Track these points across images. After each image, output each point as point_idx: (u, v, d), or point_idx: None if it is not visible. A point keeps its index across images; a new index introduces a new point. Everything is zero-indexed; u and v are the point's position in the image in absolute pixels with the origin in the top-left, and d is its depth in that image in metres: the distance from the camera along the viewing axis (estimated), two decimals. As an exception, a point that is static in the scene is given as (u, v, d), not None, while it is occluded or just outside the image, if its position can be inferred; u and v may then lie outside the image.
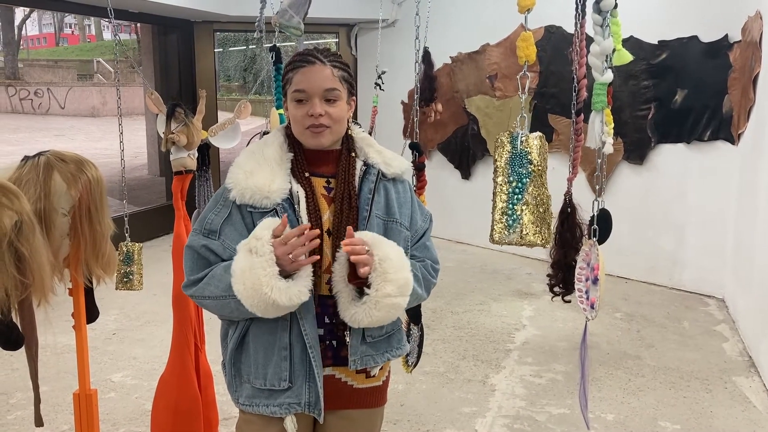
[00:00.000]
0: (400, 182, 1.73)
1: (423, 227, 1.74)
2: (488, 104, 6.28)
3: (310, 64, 1.60)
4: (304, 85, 1.59)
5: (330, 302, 1.60)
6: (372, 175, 1.66)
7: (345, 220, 1.60)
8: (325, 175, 1.66)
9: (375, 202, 1.64)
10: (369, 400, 1.68)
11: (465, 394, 3.46)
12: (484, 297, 5.06)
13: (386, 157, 1.71)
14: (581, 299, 1.89)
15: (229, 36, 23.21)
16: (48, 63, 30.89)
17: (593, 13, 1.77)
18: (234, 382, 1.68)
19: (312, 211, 1.60)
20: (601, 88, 1.77)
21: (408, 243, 1.68)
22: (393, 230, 1.65)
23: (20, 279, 1.59)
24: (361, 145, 1.71)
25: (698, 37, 4.86)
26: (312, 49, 1.64)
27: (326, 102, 1.59)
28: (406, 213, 1.70)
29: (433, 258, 1.75)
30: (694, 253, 5.10)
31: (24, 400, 3.33)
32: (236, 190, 1.58)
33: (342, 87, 1.62)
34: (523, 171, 1.99)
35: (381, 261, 1.51)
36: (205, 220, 1.61)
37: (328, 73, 1.60)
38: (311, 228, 1.53)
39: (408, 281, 1.56)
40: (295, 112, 1.61)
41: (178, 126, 2.51)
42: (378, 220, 1.64)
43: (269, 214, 1.56)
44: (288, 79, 1.63)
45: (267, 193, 1.56)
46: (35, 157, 1.92)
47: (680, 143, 5.08)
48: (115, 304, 4.67)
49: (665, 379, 3.64)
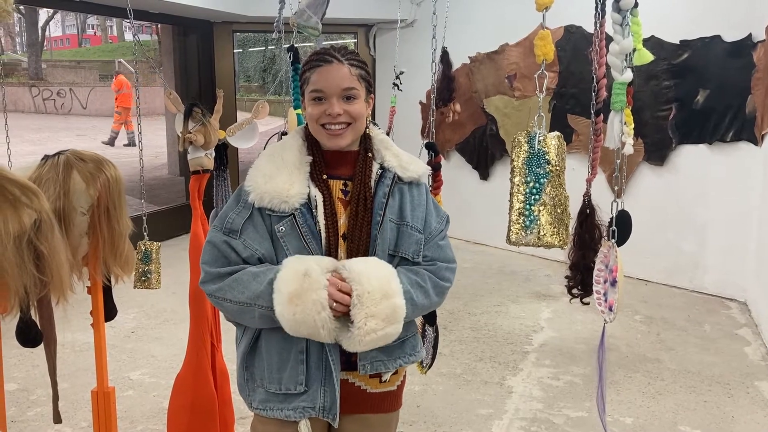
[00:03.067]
0: (416, 185, 1.71)
1: (438, 228, 1.70)
2: (507, 104, 6.25)
3: (327, 64, 1.59)
4: (321, 84, 1.58)
5: None
6: (387, 179, 1.65)
7: (360, 224, 1.60)
8: (342, 177, 1.65)
9: (389, 207, 1.62)
10: (383, 404, 1.66)
11: (482, 396, 3.44)
12: (502, 298, 5.03)
13: (403, 161, 1.69)
14: (599, 301, 1.87)
15: (249, 37, 23.33)
16: (70, 63, 31.27)
17: (612, 12, 1.75)
18: (247, 386, 1.68)
19: (329, 215, 1.60)
20: (621, 87, 1.75)
21: (420, 246, 1.66)
22: (405, 233, 1.64)
23: (39, 277, 1.60)
24: (379, 147, 1.70)
25: (721, 37, 4.79)
26: (329, 48, 1.64)
27: (344, 100, 1.59)
28: (419, 216, 1.67)
29: (447, 258, 1.70)
30: (716, 256, 5.03)
31: (44, 397, 3.37)
32: (255, 193, 1.58)
33: (360, 85, 1.61)
34: (541, 171, 1.97)
35: (359, 296, 1.49)
36: (226, 218, 1.60)
37: (345, 72, 1.59)
38: (328, 232, 1.57)
39: (395, 308, 1.52)
40: (312, 111, 1.61)
41: (196, 125, 2.52)
42: (391, 224, 1.63)
43: (287, 219, 1.56)
44: (305, 79, 1.62)
45: (286, 198, 1.56)
46: (55, 157, 1.94)
47: (702, 144, 5.02)
48: (134, 302, 4.70)
49: (685, 383, 3.59)
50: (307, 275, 1.47)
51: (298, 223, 1.55)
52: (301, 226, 1.56)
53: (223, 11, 6.26)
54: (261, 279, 1.52)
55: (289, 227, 1.56)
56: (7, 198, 1.50)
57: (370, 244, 1.60)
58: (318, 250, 1.56)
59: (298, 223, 1.56)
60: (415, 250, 1.64)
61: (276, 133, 2.82)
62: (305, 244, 1.55)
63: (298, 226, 1.56)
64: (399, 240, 1.63)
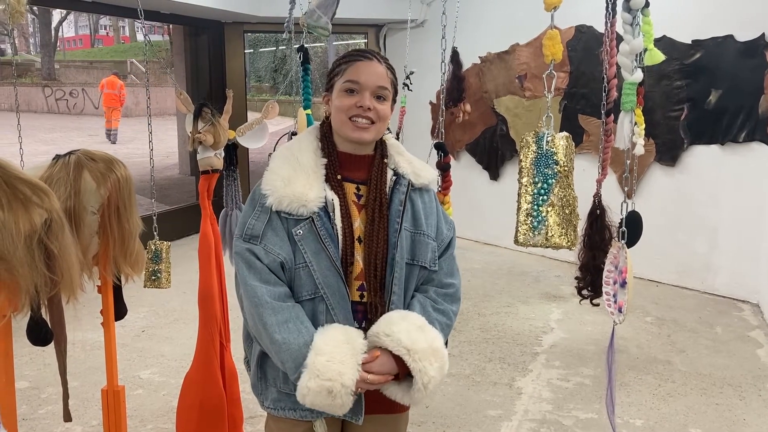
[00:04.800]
0: (426, 191, 1.73)
1: (448, 236, 1.74)
2: (517, 104, 6.23)
3: (367, 60, 1.63)
4: (359, 76, 1.61)
5: (360, 308, 1.61)
6: (402, 186, 1.67)
7: (377, 229, 1.61)
8: (355, 181, 1.66)
9: (405, 214, 1.64)
10: (394, 405, 1.66)
11: (491, 397, 3.43)
12: (511, 299, 5.01)
13: (416, 167, 1.72)
14: (609, 302, 1.86)
15: (259, 37, 23.39)
16: (83, 64, 31.45)
17: (623, 12, 1.74)
18: (260, 385, 1.69)
19: (345, 218, 1.61)
20: (631, 87, 1.74)
21: (435, 253, 1.69)
22: (420, 242, 1.66)
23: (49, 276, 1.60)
24: (392, 152, 1.72)
25: (734, 36, 4.76)
26: (367, 49, 1.68)
27: (376, 99, 1.62)
28: (432, 223, 1.70)
29: (455, 271, 1.76)
30: (728, 257, 5.00)
31: (55, 395, 3.39)
32: (274, 197, 1.58)
33: (390, 89, 1.66)
34: (549, 172, 1.96)
35: (410, 353, 1.52)
36: (245, 225, 1.61)
37: (382, 71, 1.64)
38: (345, 235, 1.58)
39: (433, 346, 1.56)
40: (341, 102, 1.62)
41: (205, 125, 2.53)
42: (406, 232, 1.64)
43: (305, 222, 1.57)
44: (340, 71, 1.65)
45: (304, 202, 1.57)
46: (66, 156, 1.95)
47: (714, 144, 4.98)
48: (144, 301, 4.73)
49: (696, 385, 3.56)
50: (330, 393, 1.48)
51: (317, 226, 1.56)
52: (319, 229, 1.56)
53: (234, 11, 6.28)
54: (293, 356, 1.52)
55: (307, 230, 1.57)
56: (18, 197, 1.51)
57: (389, 250, 1.61)
58: (335, 252, 1.57)
59: (317, 227, 1.56)
60: (431, 258, 1.67)
61: (286, 134, 2.82)
62: (323, 246, 1.56)
63: (316, 229, 1.56)
64: (415, 248, 1.66)
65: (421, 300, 1.66)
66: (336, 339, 1.51)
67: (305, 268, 1.57)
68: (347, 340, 1.51)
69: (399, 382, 1.57)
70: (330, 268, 1.56)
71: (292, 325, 1.53)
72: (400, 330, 1.53)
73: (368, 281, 1.60)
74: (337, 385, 1.47)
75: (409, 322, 1.56)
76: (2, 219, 1.46)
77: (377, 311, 1.60)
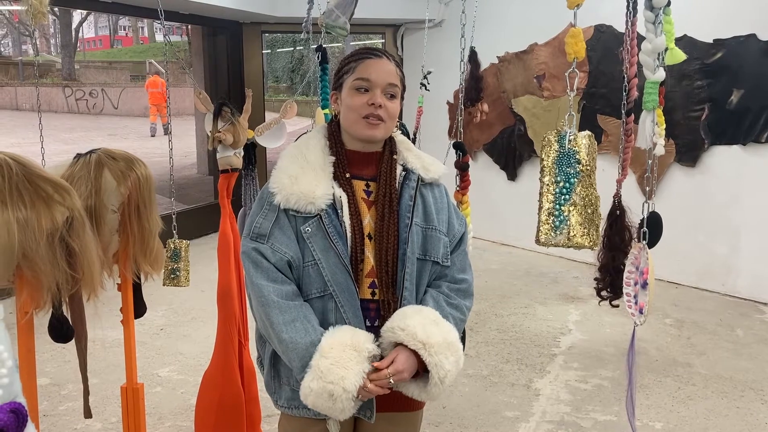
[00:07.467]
0: (436, 186, 1.73)
1: (460, 231, 1.73)
2: (536, 104, 6.20)
3: (376, 57, 1.64)
4: (369, 74, 1.61)
5: (371, 306, 1.61)
6: (412, 181, 1.66)
7: (387, 225, 1.61)
8: (364, 178, 1.66)
9: (415, 209, 1.64)
10: (408, 402, 1.66)
11: (508, 398, 3.41)
12: (529, 300, 4.99)
13: (425, 162, 1.71)
14: (629, 304, 1.84)
15: (277, 37, 23.48)
16: (103, 64, 31.81)
17: (645, 10, 1.73)
18: (273, 384, 1.69)
19: (354, 214, 1.60)
20: (653, 87, 1.73)
21: (447, 249, 1.68)
22: (432, 237, 1.66)
23: (71, 273, 1.62)
24: (400, 148, 1.72)
25: (756, 36, 4.69)
26: (374, 47, 1.69)
27: (386, 96, 1.62)
28: (443, 219, 1.70)
29: (467, 266, 1.75)
30: (750, 259, 4.93)
31: (75, 392, 3.42)
32: (281, 195, 1.58)
33: (400, 86, 1.66)
34: (571, 171, 1.94)
35: (426, 347, 1.51)
36: (253, 224, 1.61)
37: (392, 68, 1.64)
38: (354, 231, 1.58)
39: (448, 339, 1.56)
40: (352, 101, 1.62)
41: (225, 125, 2.54)
42: (417, 227, 1.64)
43: (313, 219, 1.57)
44: (349, 69, 1.65)
45: (312, 199, 1.57)
46: (87, 155, 1.97)
47: (735, 145, 4.92)
48: (164, 300, 4.76)
49: (717, 388, 3.52)
50: (331, 396, 1.48)
51: (324, 223, 1.56)
52: (327, 226, 1.56)
53: (252, 12, 6.31)
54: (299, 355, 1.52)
55: (315, 227, 1.57)
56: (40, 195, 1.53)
57: (399, 246, 1.60)
58: (344, 249, 1.56)
59: (324, 224, 1.56)
60: (443, 254, 1.67)
61: (303, 133, 2.83)
62: (331, 243, 1.56)
63: (324, 226, 1.56)
64: (426, 243, 1.65)
65: (434, 295, 1.65)
66: (343, 343, 1.50)
67: (314, 266, 1.57)
68: (354, 345, 1.50)
69: (415, 379, 1.56)
70: (338, 265, 1.56)
71: (299, 324, 1.53)
72: (415, 324, 1.52)
73: (380, 278, 1.60)
74: (339, 389, 1.46)
75: (424, 316, 1.55)
76: (25, 217, 1.48)
77: (390, 308, 1.59)
